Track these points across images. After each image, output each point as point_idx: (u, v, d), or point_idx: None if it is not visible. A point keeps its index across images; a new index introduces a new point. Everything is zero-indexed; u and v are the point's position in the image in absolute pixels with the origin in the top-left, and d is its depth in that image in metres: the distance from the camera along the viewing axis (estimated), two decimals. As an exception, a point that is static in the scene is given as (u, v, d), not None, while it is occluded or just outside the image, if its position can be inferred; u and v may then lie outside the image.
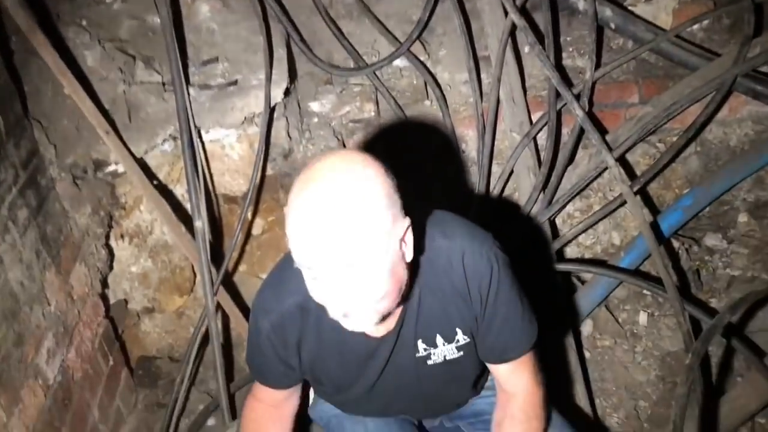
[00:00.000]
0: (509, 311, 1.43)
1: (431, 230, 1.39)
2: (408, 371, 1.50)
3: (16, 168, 1.75)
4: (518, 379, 1.51)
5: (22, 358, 1.64)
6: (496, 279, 1.39)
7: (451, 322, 1.44)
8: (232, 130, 2.37)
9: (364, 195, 1.12)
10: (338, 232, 1.11)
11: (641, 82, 2.61)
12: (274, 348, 1.46)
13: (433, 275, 1.38)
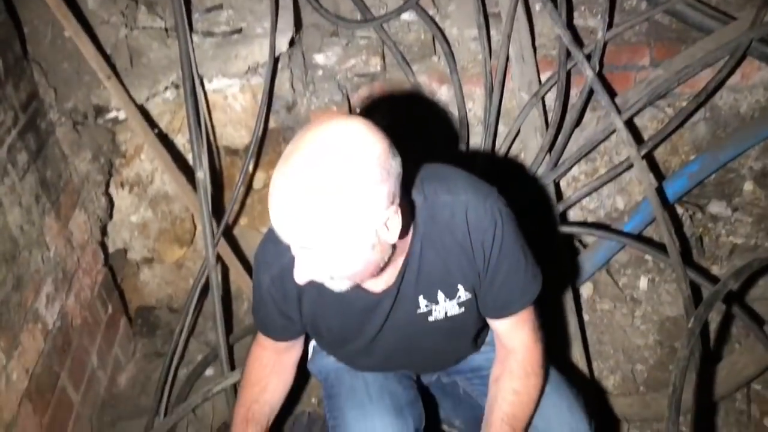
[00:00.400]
0: (512, 266, 1.43)
1: (435, 185, 1.38)
2: (408, 327, 1.50)
3: (15, 110, 1.71)
4: (518, 334, 1.51)
5: (21, 302, 1.63)
6: (500, 233, 1.38)
7: (453, 278, 1.43)
8: (236, 80, 2.32)
9: (340, 186, 1.10)
10: (299, 217, 1.11)
11: (653, 45, 2.56)
12: (275, 301, 1.46)
13: (436, 230, 1.37)
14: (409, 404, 1.56)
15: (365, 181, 1.11)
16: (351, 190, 1.10)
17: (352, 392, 1.57)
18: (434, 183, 1.38)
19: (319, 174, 1.09)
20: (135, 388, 2.14)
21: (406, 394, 1.58)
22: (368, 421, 1.49)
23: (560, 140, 2.45)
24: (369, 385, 1.56)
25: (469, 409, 1.73)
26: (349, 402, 1.55)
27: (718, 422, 2.15)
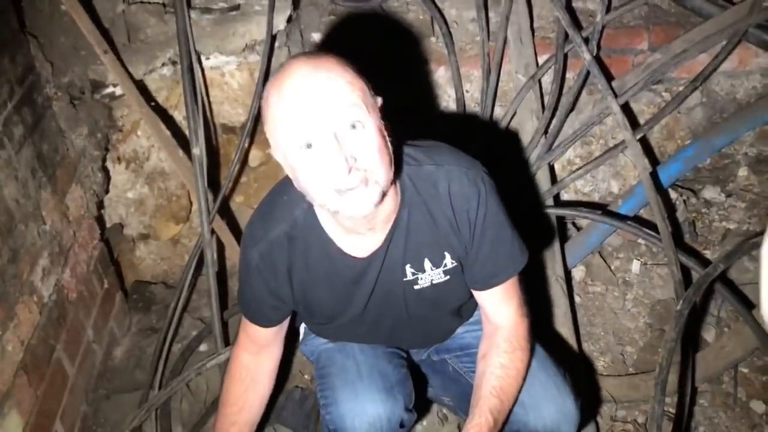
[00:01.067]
0: (497, 235, 1.46)
1: (421, 156, 1.42)
2: (396, 295, 1.52)
3: (11, 83, 1.72)
4: (504, 309, 1.53)
5: (17, 274, 1.64)
6: (484, 203, 1.41)
7: (440, 246, 1.46)
8: (233, 57, 2.32)
9: (338, 62, 1.22)
10: (329, 82, 1.19)
11: (651, 29, 2.56)
12: (264, 279, 1.48)
13: (421, 199, 1.41)
14: (399, 383, 1.59)
15: (355, 66, 1.24)
16: (350, 66, 1.23)
17: (343, 372, 1.59)
18: (419, 154, 1.42)
19: (322, 61, 1.21)
20: (130, 362, 2.17)
21: (396, 373, 1.61)
22: (359, 399, 1.51)
23: (556, 123, 2.46)
24: (360, 365, 1.58)
25: (458, 386, 1.75)
26: (340, 381, 1.57)
27: (705, 404, 2.18)
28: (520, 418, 1.59)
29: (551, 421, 1.58)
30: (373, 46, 2.48)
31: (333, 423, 1.53)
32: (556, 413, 1.58)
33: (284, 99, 1.20)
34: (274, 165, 2.66)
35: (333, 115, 1.19)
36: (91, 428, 1.96)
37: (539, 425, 1.59)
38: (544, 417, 1.58)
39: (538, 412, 1.58)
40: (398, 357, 1.69)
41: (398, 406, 1.54)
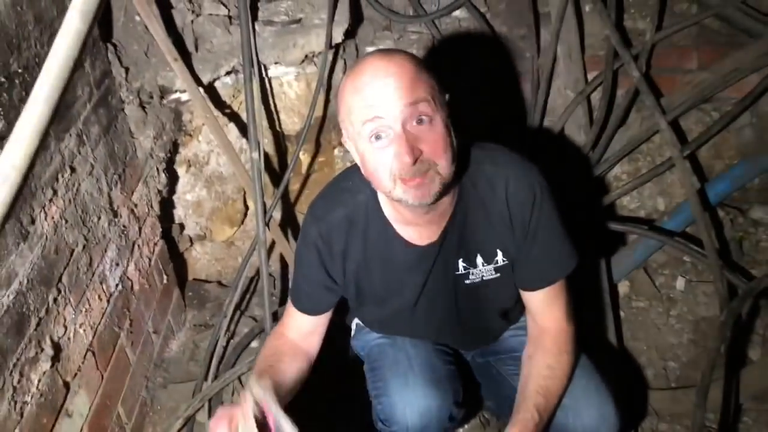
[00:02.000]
0: (549, 238, 1.51)
1: (481, 156, 1.48)
2: (446, 288, 1.58)
3: (91, 86, 1.85)
4: (551, 311, 1.57)
5: (90, 263, 1.76)
6: (539, 206, 1.46)
7: (493, 243, 1.52)
8: (292, 68, 2.43)
9: (410, 58, 1.32)
10: (401, 75, 1.27)
11: (701, 49, 2.58)
12: (320, 255, 1.54)
13: (478, 198, 1.47)
14: (448, 377, 1.64)
15: (429, 67, 1.34)
16: (423, 61, 1.34)
17: (395, 364, 1.64)
18: (479, 154, 1.49)
19: (397, 53, 1.32)
20: (185, 355, 2.27)
21: (446, 369, 1.66)
22: (410, 389, 1.56)
23: (604, 138, 2.50)
24: (411, 358, 1.64)
25: (500, 389, 1.79)
26: (392, 372, 1.62)
27: (749, 422, 2.17)
28: (560, 420, 1.62)
29: (590, 425, 1.61)
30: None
31: (384, 413, 1.59)
32: (597, 416, 1.61)
33: (357, 90, 1.29)
34: (325, 174, 2.76)
35: (402, 109, 1.26)
36: (148, 414, 2.06)
37: (578, 427, 1.61)
38: (583, 419, 1.61)
39: (578, 415, 1.61)
40: (447, 354, 1.75)
41: (448, 398, 1.59)
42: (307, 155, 2.70)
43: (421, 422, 1.56)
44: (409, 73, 1.28)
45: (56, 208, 1.60)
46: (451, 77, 2.56)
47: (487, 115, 2.58)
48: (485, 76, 2.61)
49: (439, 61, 2.59)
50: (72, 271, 1.67)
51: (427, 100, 1.28)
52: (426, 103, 1.28)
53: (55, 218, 1.60)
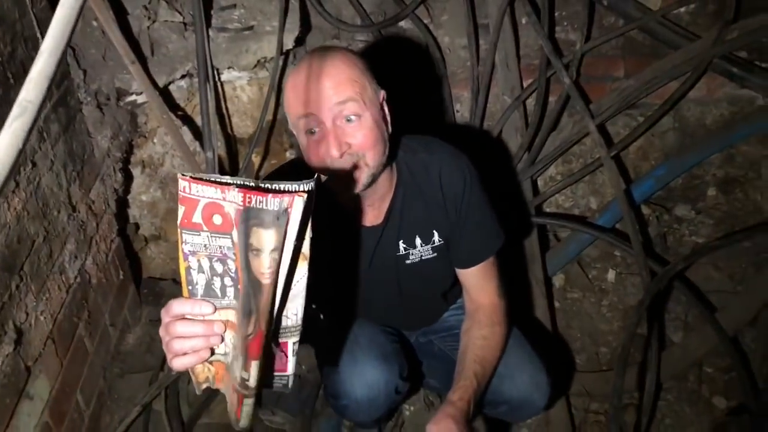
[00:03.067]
0: (479, 218, 1.66)
1: (415, 145, 1.64)
2: (389, 268, 1.71)
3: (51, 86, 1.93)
4: (485, 287, 1.73)
5: (50, 254, 1.83)
6: (469, 188, 1.62)
7: (430, 225, 1.67)
8: (244, 73, 2.54)
9: (349, 54, 1.46)
10: (333, 76, 1.39)
11: (627, 58, 2.79)
12: None
13: (414, 183, 1.62)
14: (393, 353, 1.77)
15: (364, 61, 1.46)
16: (359, 60, 1.45)
17: (343, 341, 1.76)
18: (415, 144, 1.64)
19: (335, 52, 1.45)
20: (141, 347, 2.34)
21: (391, 345, 1.79)
22: (357, 364, 1.68)
23: (538, 140, 2.68)
24: (358, 336, 1.76)
25: (443, 365, 1.91)
26: (341, 348, 1.73)
27: (671, 399, 2.36)
28: (496, 387, 1.76)
29: (525, 390, 1.76)
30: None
31: (333, 388, 1.70)
32: (529, 383, 1.76)
33: (294, 87, 1.43)
34: (277, 175, 2.87)
35: (332, 107, 1.40)
36: (105, 402, 2.13)
37: (513, 393, 1.76)
38: (517, 385, 1.76)
39: (512, 381, 1.76)
40: (392, 334, 1.88)
41: (393, 371, 1.71)
42: (259, 157, 2.80)
43: (369, 394, 1.67)
44: (341, 74, 1.40)
45: (18, 200, 1.68)
46: (394, 83, 2.72)
47: (428, 118, 2.73)
48: (428, 83, 2.77)
49: (383, 68, 2.73)
50: (33, 260, 1.74)
51: (355, 99, 1.40)
52: (354, 103, 1.40)
53: (18, 209, 1.67)
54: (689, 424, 2.28)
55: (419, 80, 2.77)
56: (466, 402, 1.57)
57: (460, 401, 1.57)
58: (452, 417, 1.52)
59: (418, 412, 2.22)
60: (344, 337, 1.78)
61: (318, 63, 1.41)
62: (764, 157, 2.84)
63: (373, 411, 1.73)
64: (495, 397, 1.76)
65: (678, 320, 2.57)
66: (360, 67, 1.44)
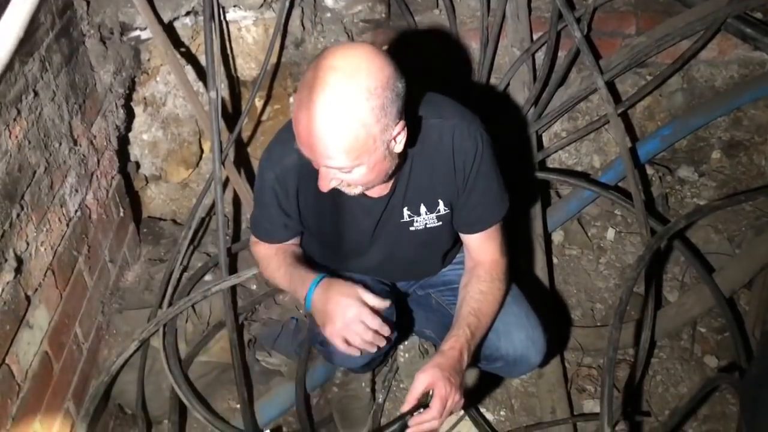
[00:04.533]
0: (487, 186, 1.64)
1: (427, 109, 1.57)
2: (393, 233, 1.71)
3: (53, 14, 1.89)
4: (486, 247, 1.72)
5: (51, 185, 1.82)
6: (480, 156, 1.59)
7: (435, 193, 1.64)
8: (250, 13, 2.49)
9: (362, 109, 1.29)
10: (330, 139, 1.31)
11: (640, 15, 2.75)
12: (277, 197, 1.65)
13: (424, 149, 1.58)
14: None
15: (381, 103, 1.31)
16: (371, 112, 1.30)
17: None
18: (427, 107, 1.58)
19: (342, 102, 1.28)
20: (140, 285, 2.34)
21: (380, 291, 1.78)
22: None
23: (545, 95, 2.65)
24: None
25: (439, 317, 1.93)
26: None
27: (663, 357, 2.39)
28: (493, 343, 1.79)
29: (521, 347, 1.78)
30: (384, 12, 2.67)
31: (321, 335, 1.70)
32: (526, 340, 1.78)
33: (298, 121, 1.34)
34: (280, 121, 2.84)
35: (326, 166, 1.38)
36: (104, 337, 2.14)
37: (510, 350, 1.78)
38: (514, 342, 1.78)
39: (509, 338, 1.78)
40: (385, 285, 1.89)
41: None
42: (262, 102, 2.77)
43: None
44: (337, 144, 1.32)
45: (20, 128, 1.66)
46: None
47: (437, 67, 2.70)
48: (439, 34, 2.73)
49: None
50: (34, 191, 1.73)
51: (349, 166, 1.36)
52: (355, 161, 1.35)
53: (19, 137, 1.65)
54: (680, 381, 2.31)
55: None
56: (457, 351, 1.57)
57: (451, 350, 1.57)
58: (440, 366, 1.52)
59: (412, 359, 2.24)
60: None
61: (325, 117, 1.30)
62: (773, 121, 2.83)
63: (359, 357, 1.73)
64: (491, 352, 1.78)
65: (675, 280, 2.59)
66: (363, 128, 1.31)
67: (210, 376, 2.25)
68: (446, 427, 2.18)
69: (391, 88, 1.32)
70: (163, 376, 2.14)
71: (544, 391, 2.18)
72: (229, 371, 2.22)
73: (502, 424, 2.22)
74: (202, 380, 2.23)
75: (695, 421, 2.17)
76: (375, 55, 1.33)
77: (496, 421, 2.23)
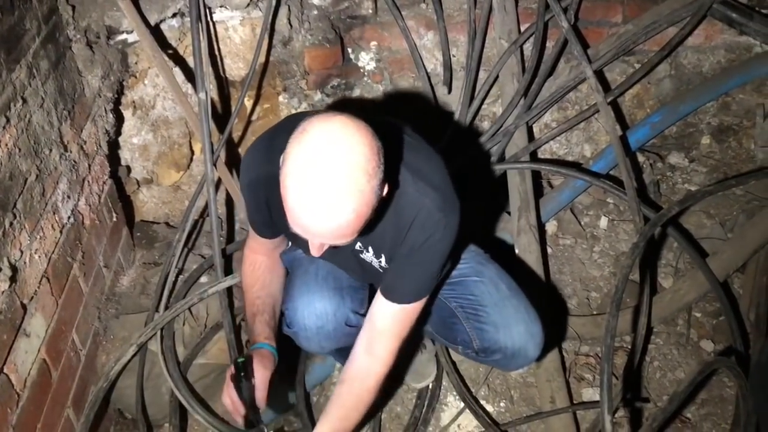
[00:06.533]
0: (420, 269, 1.58)
1: (408, 174, 1.49)
2: (350, 257, 1.73)
3: (39, 21, 1.88)
4: (386, 325, 1.64)
5: (43, 192, 1.81)
6: (431, 242, 1.52)
7: (382, 248, 1.64)
8: (237, 12, 2.48)
9: (364, 196, 1.26)
10: (338, 228, 1.28)
11: (626, 3, 2.75)
12: (255, 201, 1.66)
13: (390, 210, 1.52)
14: (350, 288, 1.80)
15: (378, 178, 1.28)
16: (373, 192, 1.27)
17: (304, 274, 1.80)
18: (409, 172, 1.49)
19: (347, 192, 1.24)
20: (136, 289, 2.34)
21: (350, 281, 1.81)
22: (310, 294, 1.74)
23: (535, 86, 2.66)
24: (319, 269, 1.79)
25: (437, 310, 1.93)
26: (300, 280, 1.78)
27: (660, 343, 2.40)
28: (492, 335, 1.79)
29: (520, 340, 1.79)
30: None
31: (288, 316, 1.75)
32: (525, 333, 1.79)
33: (290, 210, 1.29)
34: (270, 121, 2.84)
35: (334, 243, 1.36)
36: (101, 342, 2.14)
37: (509, 342, 1.79)
38: (513, 335, 1.79)
39: (508, 331, 1.79)
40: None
41: (344, 304, 1.75)
42: (251, 101, 2.77)
43: (316, 323, 1.73)
44: (332, 233, 1.29)
45: (9, 136, 1.65)
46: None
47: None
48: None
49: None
50: (26, 198, 1.72)
51: (347, 239, 1.33)
52: (347, 239, 1.33)
53: (9, 145, 1.65)
54: (677, 366, 2.32)
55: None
56: None
57: None
58: None
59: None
60: (308, 269, 1.81)
61: (321, 197, 1.25)
62: (759, 105, 2.84)
63: (323, 340, 1.76)
64: (490, 345, 1.79)
65: (669, 266, 2.60)
66: (367, 208, 1.29)
67: (209, 378, 2.25)
68: (447, 420, 2.20)
69: (380, 158, 1.29)
70: (163, 379, 2.13)
71: (543, 381, 2.19)
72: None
73: (503, 415, 2.23)
74: (202, 382, 2.22)
75: (694, 405, 2.19)
76: (359, 128, 1.28)
77: (496, 412, 2.23)
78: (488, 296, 1.82)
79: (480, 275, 1.86)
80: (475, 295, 1.83)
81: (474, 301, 1.83)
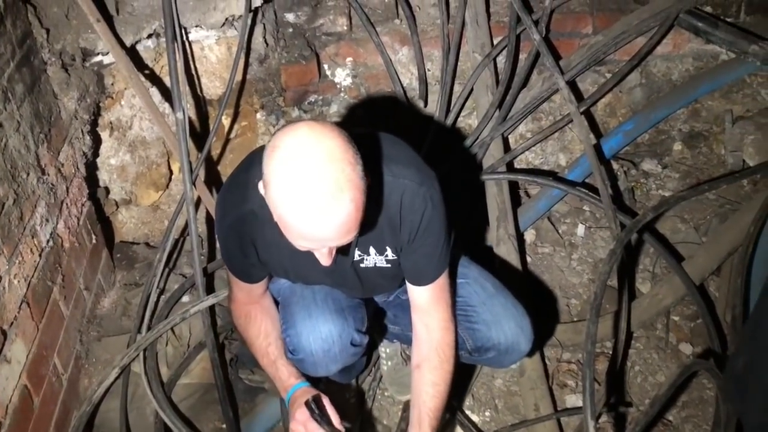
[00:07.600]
0: (431, 245, 1.61)
1: (379, 162, 1.52)
2: (347, 271, 1.71)
3: (13, 45, 1.88)
4: (432, 310, 1.70)
5: (21, 216, 1.80)
6: (428, 217, 1.56)
7: (383, 241, 1.65)
8: (212, 32, 2.50)
9: (356, 185, 1.27)
10: (342, 227, 1.28)
11: (595, 14, 2.82)
12: (238, 244, 1.62)
13: (375, 203, 1.54)
14: (350, 307, 1.79)
15: (362, 164, 1.29)
16: (361, 179, 1.28)
17: (301, 299, 1.77)
18: (378, 161, 1.53)
19: (341, 186, 1.24)
20: (117, 311, 2.33)
21: (348, 301, 1.81)
22: (313, 318, 1.71)
23: (509, 98, 2.70)
24: (316, 293, 1.77)
25: (407, 314, 1.93)
26: (298, 307, 1.76)
27: (640, 347, 2.44)
28: (484, 334, 1.81)
29: (512, 335, 1.81)
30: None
31: (291, 344, 1.72)
32: (516, 328, 1.81)
33: (287, 227, 1.29)
34: (248, 138, 2.85)
35: (339, 243, 1.35)
36: (83, 366, 2.12)
37: (501, 338, 1.80)
38: (505, 331, 1.80)
39: (500, 327, 1.80)
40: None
41: (348, 324, 1.74)
42: (229, 119, 2.78)
43: (323, 347, 1.71)
44: (354, 223, 1.30)
45: (-14, 161, 1.65)
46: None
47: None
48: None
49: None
50: (4, 223, 1.71)
51: (352, 234, 1.33)
52: (351, 234, 1.33)
53: (-14, 171, 1.64)
54: (657, 370, 2.35)
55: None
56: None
57: None
58: None
59: (395, 366, 2.26)
60: (303, 294, 1.79)
61: (319, 201, 1.25)
62: (728, 111, 2.90)
63: (330, 363, 1.75)
64: (483, 344, 1.81)
65: (646, 272, 2.64)
66: (363, 196, 1.30)
67: (194, 397, 2.24)
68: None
69: (355, 147, 1.30)
70: (147, 401, 2.12)
71: (527, 389, 2.21)
72: (212, 391, 2.21)
73: (488, 424, 2.25)
74: (186, 402, 2.21)
75: (675, 408, 2.22)
76: (325, 126, 1.30)
77: (481, 422, 2.25)
78: (476, 296, 1.84)
79: (464, 276, 1.88)
80: (463, 296, 1.85)
81: (462, 302, 1.84)
